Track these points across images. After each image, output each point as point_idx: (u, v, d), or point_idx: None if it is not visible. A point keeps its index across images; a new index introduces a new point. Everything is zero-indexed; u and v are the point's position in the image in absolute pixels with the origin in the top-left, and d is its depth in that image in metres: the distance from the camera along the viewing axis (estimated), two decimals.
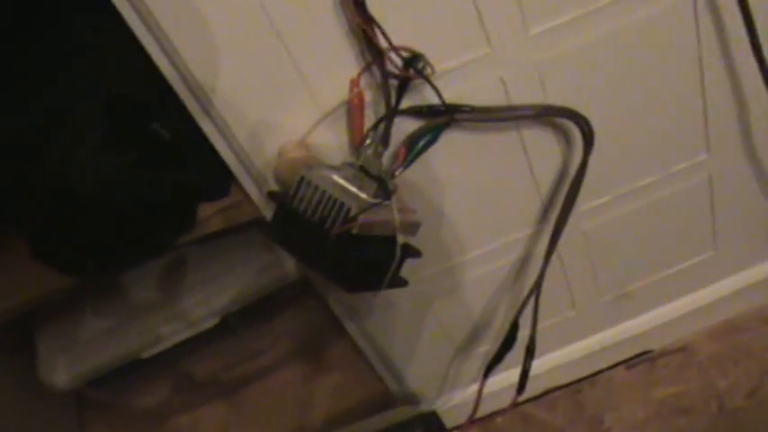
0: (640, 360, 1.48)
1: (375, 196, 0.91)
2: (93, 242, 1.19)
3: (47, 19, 1.08)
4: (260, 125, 0.97)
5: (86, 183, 1.09)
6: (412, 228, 0.98)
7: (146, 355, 1.39)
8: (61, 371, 1.39)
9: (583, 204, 1.18)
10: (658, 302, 1.43)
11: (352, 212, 0.88)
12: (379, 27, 0.87)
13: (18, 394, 1.48)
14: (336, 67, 0.94)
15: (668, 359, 1.47)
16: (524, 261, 1.24)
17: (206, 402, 1.62)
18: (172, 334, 1.37)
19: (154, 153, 1.13)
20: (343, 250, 0.89)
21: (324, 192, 0.89)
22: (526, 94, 1.01)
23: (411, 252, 0.96)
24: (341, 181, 0.91)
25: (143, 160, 1.13)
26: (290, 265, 1.17)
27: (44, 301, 1.32)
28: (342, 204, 0.88)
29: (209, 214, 1.21)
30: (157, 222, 1.20)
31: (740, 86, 1.10)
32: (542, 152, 1.09)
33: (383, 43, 0.89)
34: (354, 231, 0.88)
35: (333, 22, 0.90)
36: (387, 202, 0.92)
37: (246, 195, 1.09)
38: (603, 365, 1.49)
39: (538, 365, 1.40)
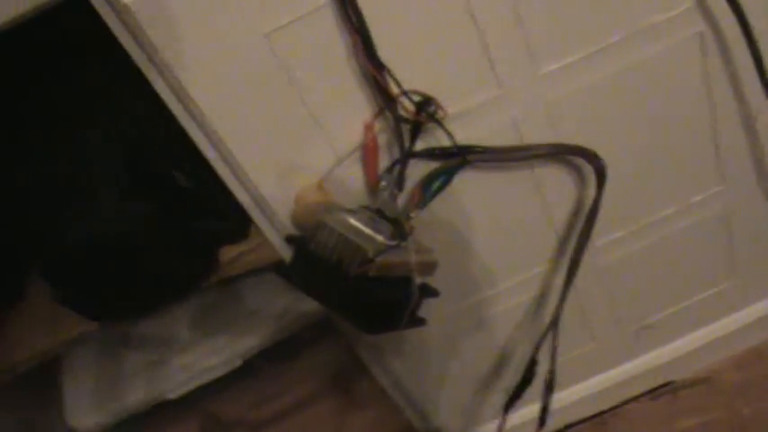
0: (663, 391, 1.48)
1: (391, 238, 0.92)
2: (116, 288, 1.21)
3: (69, 74, 1.11)
4: (277, 170, 0.99)
5: (108, 231, 1.11)
6: (429, 268, 0.99)
7: (172, 396, 1.40)
8: (88, 414, 1.40)
9: (599, 239, 1.19)
10: (680, 333, 1.43)
11: (369, 255, 0.89)
12: (390, 73, 0.89)
13: None
14: (350, 112, 0.95)
15: (692, 390, 1.47)
16: (542, 297, 1.25)
17: None
18: (198, 375, 1.39)
19: (174, 200, 1.15)
20: (360, 292, 0.90)
21: (341, 235, 0.90)
22: (538, 133, 1.03)
23: (428, 292, 0.97)
24: (357, 224, 0.92)
25: (164, 207, 1.15)
26: (311, 305, 1.18)
27: (68, 345, 1.34)
28: (358, 247, 0.89)
29: (231, 258, 1.23)
30: (179, 267, 1.22)
31: (750, 117, 1.10)
32: (556, 189, 1.10)
33: (395, 89, 0.90)
34: (371, 273, 0.89)
35: (345, 68, 0.91)
36: (403, 244, 0.93)
37: (265, 238, 1.10)
38: (626, 397, 1.48)
39: (560, 399, 1.40)
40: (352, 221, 0.92)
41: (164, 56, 0.87)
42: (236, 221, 1.18)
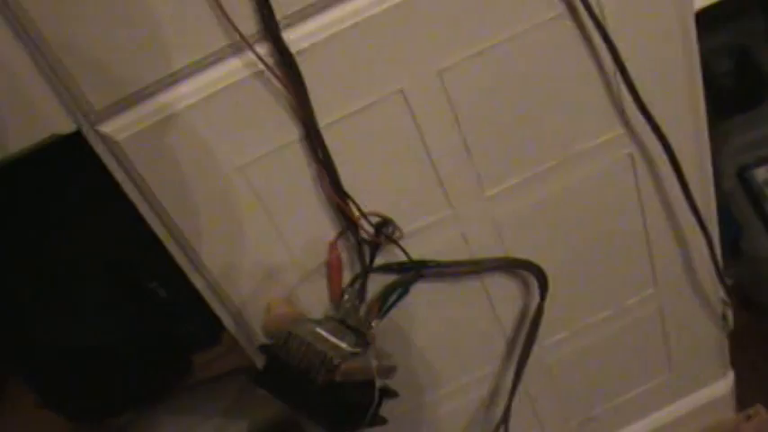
0: None
1: (355, 346, 1.00)
2: (97, 390, 1.28)
3: (48, 191, 1.19)
4: (250, 284, 1.07)
5: (92, 340, 1.19)
6: (389, 372, 1.07)
7: None
8: None
9: (544, 340, 1.27)
10: (622, 424, 1.52)
11: (335, 362, 0.97)
12: (353, 201, 0.98)
13: None
14: (315, 232, 1.04)
15: None
16: (493, 394, 1.33)
17: None
18: None
19: (152, 309, 1.23)
20: (327, 396, 0.97)
21: (309, 344, 0.98)
22: (486, 248, 1.12)
23: (389, 393, 1.05)
24: (324, 333, 1.00)
25: (142, 316, 1.23)
26: (276, 407, 1.25)
27: None
28: (325, 355, 0.98)
29: (205, 361, 1.30)
30: (156, 370, 1.29)
31: (679, 227, 1.21)
32: (503, 297, 1.20)
33: (356, 213, 1.00)
34: (338, 379, 0.97)
35: (312, 194, 1.00)
36: (365, 351, 1.02)
37: (236, 344, 1.18)
38: None
39: None
40: (319, 331, 1.00)
41: (150, 184, 0.95)
42: (208, 329, 1.26)
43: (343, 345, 1.00)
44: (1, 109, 0.89)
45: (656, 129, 1.05)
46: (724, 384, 1.54)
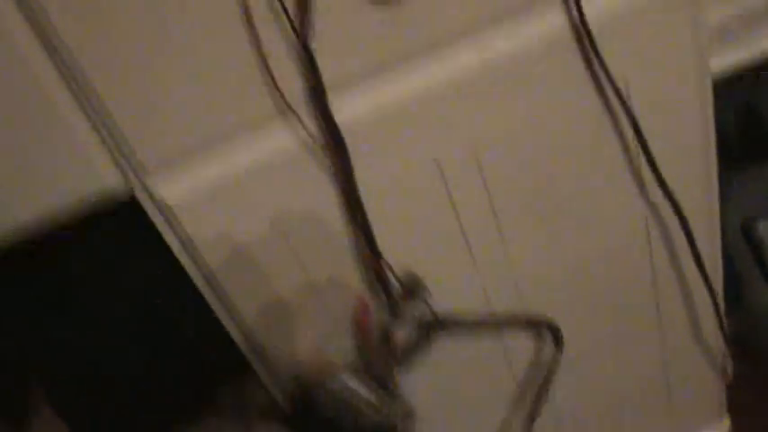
0: None
1: (382, 398, 1.06)
2: (125, 417, 1.32)
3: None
4: (285, 338, 1.12)
5: (121, 371, 1.23)
6: (409, 419, 1.13)
7: None
8: None
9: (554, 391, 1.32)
10: None
11: (364, 412, 1.03)
12: (389, 266, 1.04)
13: None
14: (345, 282, 1.09)
15: None
16: None
17: None
18: None
19: (181, 350, 1.28)
20: None
21: (339, 394, 1.04)
22: (505, 303, 1.18)
23: None
24: (353, 386, 1.05)
25: (171, 354, 1.27)
26: None
27: None
28: (355, 407, 1.03)
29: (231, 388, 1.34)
30: (183, 396, 1.33)
31: (687, 286, 1.27)
32: (519, 353, 1.25)
33: (390, 276, 1.06)
34: (367, 428, 1.03)
35: (346, 254, 1.06)
36: (391, 402, 1.07)
37: (267, 390, 1.23)
38: None
39: None
40: (349, 383, 1.05)
41: (198, 246, 1.00)
42: (234, 373, 1.31)
43: (372, 397, 1.05)
44: (54, 170, 0.92)
45: (672, 200, 1.12)
46: (720, 430, 1.59)
